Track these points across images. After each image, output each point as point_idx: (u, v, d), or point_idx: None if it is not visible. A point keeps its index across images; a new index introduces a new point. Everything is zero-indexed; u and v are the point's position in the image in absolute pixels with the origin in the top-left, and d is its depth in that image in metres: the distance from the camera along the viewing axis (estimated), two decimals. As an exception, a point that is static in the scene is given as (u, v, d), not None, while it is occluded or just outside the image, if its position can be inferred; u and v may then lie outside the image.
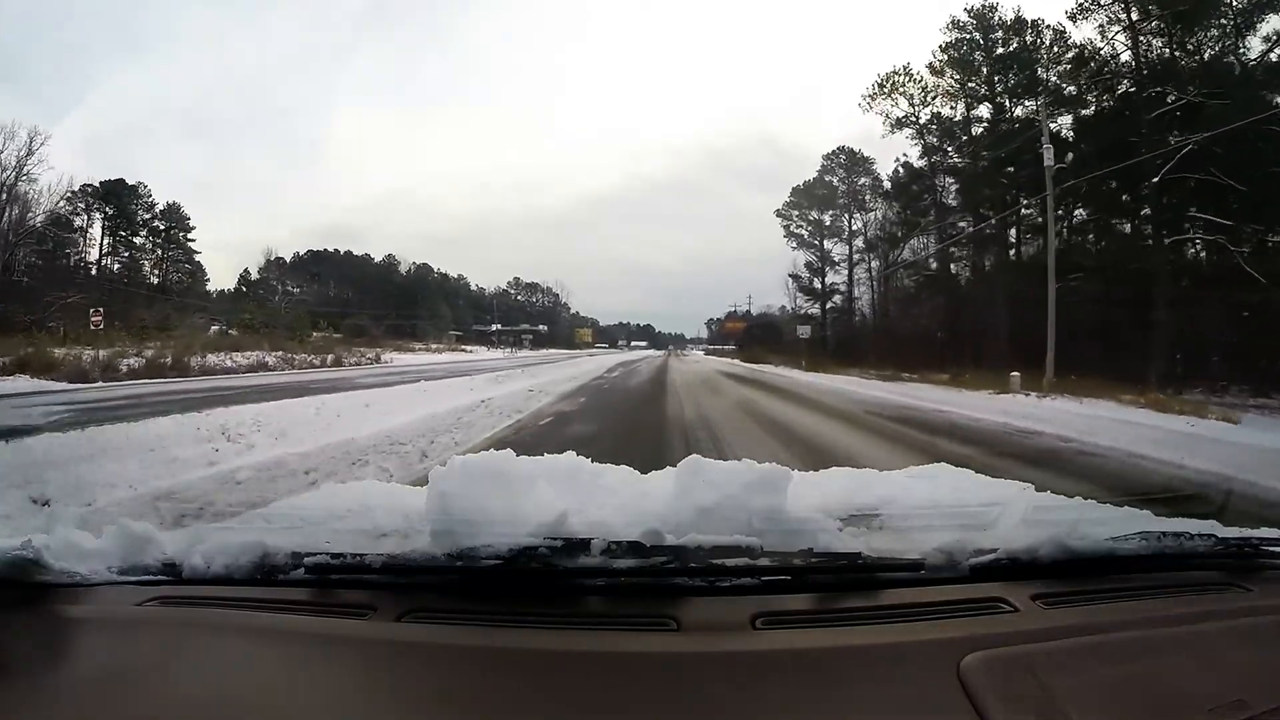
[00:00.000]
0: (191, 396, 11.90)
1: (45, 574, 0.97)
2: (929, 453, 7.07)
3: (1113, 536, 1.06)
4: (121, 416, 8.09)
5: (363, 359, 31.61)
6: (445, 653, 0.84)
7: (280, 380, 17.89)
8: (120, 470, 5.00)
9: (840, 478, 1.60)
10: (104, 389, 14.25)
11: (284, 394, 11.59)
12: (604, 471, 1.48)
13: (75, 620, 0.92)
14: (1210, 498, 3.87)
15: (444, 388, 14.18)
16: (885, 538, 1.23)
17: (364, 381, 16.54)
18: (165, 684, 0.79)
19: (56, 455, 5.46)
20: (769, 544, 0.98)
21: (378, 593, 0.95)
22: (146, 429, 7.00)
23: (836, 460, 4.39)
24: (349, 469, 5.71)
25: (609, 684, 0.79)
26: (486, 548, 0.93)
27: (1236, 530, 1.18)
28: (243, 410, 8.65)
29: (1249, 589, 1.03)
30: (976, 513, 1.37)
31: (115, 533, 1.07)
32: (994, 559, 1.03)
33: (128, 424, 7.23)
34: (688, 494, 1.12)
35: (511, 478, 1.08)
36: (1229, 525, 1.24)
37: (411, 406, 10.08)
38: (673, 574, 0.95)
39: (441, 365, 28.87)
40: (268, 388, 14.17)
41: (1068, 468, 6.67)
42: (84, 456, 5.43)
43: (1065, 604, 0.97)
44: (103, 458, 5.40)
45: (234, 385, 15.59)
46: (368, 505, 1.43)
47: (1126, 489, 5.56)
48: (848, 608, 0.94)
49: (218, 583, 1.00)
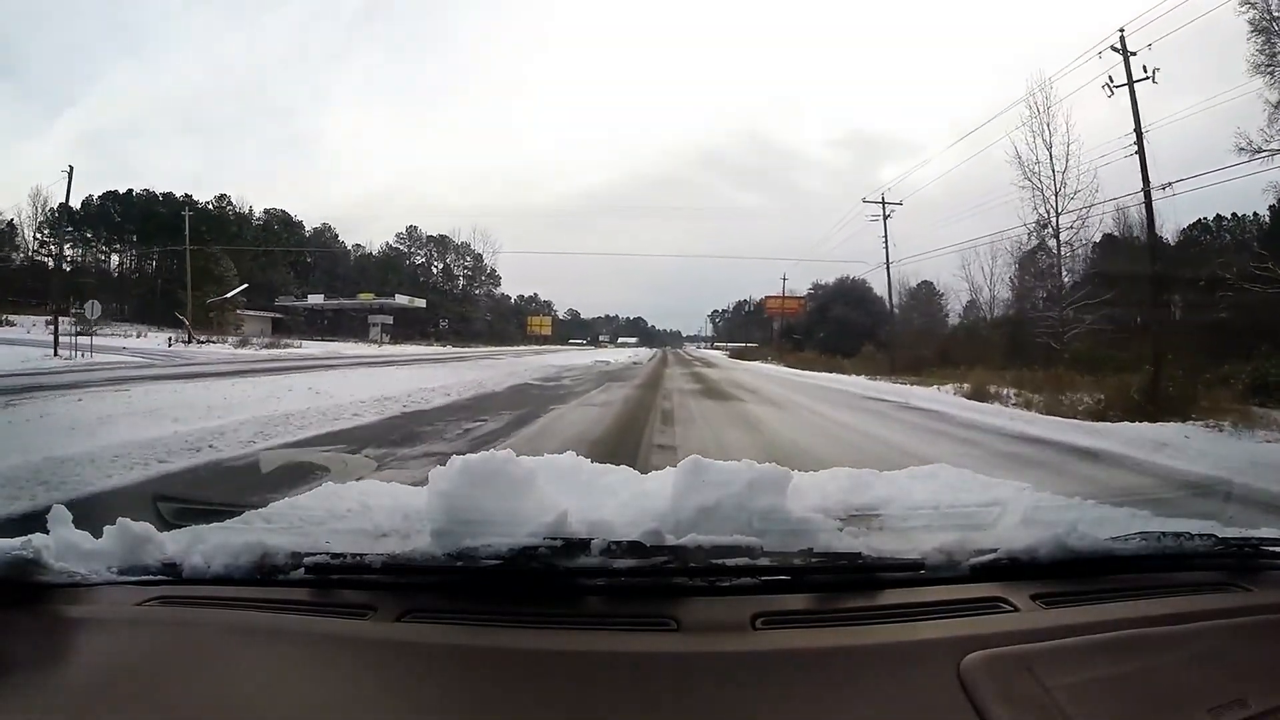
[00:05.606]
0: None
1: (45, 574, 0.97)
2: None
3: (1113, 536, 1.06)
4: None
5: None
6: (445, 653, 0.84)
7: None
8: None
9: (840, 478, 1.60)
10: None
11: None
12: (604, 471, 1.48)
13: (75, 620, 0.92)
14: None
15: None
16: (885, 538, 1.23)
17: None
18: (165, 684, 0.79)
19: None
20: (769, 544, 0.98)
21: (378, 593, 0.95)
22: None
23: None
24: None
25: (609, 684, 0.79)
26: (486, 548, 0.93)
27: (1236, 530, 1.19)
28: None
29: (1249, 589, 1.03)
30: (976, 513, 1.38)
31: (115, 533, 1.07)
32: (994, 559, 1.03)
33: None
34: (688, 494, 1.12)
35: (512, 477, 1.08)
36: (1229, 525, 1.24)
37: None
38: (673, 574, 0.95)
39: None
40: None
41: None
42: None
43: (1065, 604, 0.97)
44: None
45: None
46: (368, 505, 1.43)
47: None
48: (848, 608, 0.94)
49: (218, 583, 1.00)
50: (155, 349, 28.30)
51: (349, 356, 27.57)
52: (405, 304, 47.09)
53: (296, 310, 46.02)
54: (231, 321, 38.08)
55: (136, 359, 20.84)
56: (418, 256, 55.06)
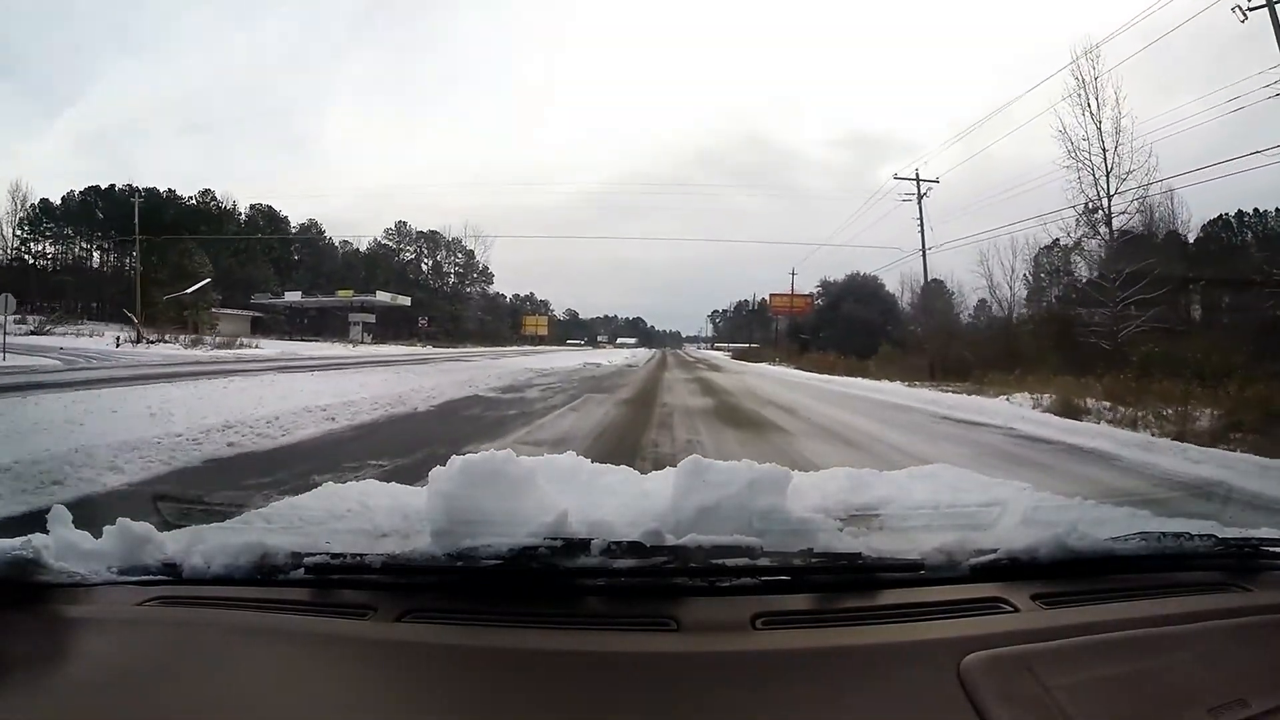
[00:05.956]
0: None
1: (45, 574, 0.97)
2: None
3: (1113, 536, 1.06)
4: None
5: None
6: (445, 653, 0.84)
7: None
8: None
9: (840, 478, 1.60)
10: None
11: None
12: (604, 471, 1.49)
13: (75, 620, 0.92)
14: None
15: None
16: (885, 538, 1.24)
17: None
18: (165, 684, 0.79)
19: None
20: (769, 544, 0.98)
21: (378, 593, 0.95)
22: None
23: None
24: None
25: (609, 684, 0.79)
26: (486, 548, 0.93)
27: (1236, 530, 1.19)
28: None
29: (1249, 589, 1.03)
30: (976, 513, 1.38)
31: (115, 532, 1.07)
32: (994, 559, 1.03)
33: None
34: (688, 494, 1.12)
35: (511, 477, 1.08)
36: (1229, 525, 1.24)
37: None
38: (673, 574, 0.95)
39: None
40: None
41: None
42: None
43: (1065, 604, 0.97)
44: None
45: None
46: (368, 505, 1.44)
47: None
48: (848, 608, 0.94)
49: (218, 583, 0.99)
50: (96, 348, 25.68)
51: (303, 358, 23.07)
52: (388, 302, 43.89)
53: (276, 309, 43.20)
54: (206, 320, 35.57)
55: (35, 361, 17.00)
56: (407, 253, 52.55)
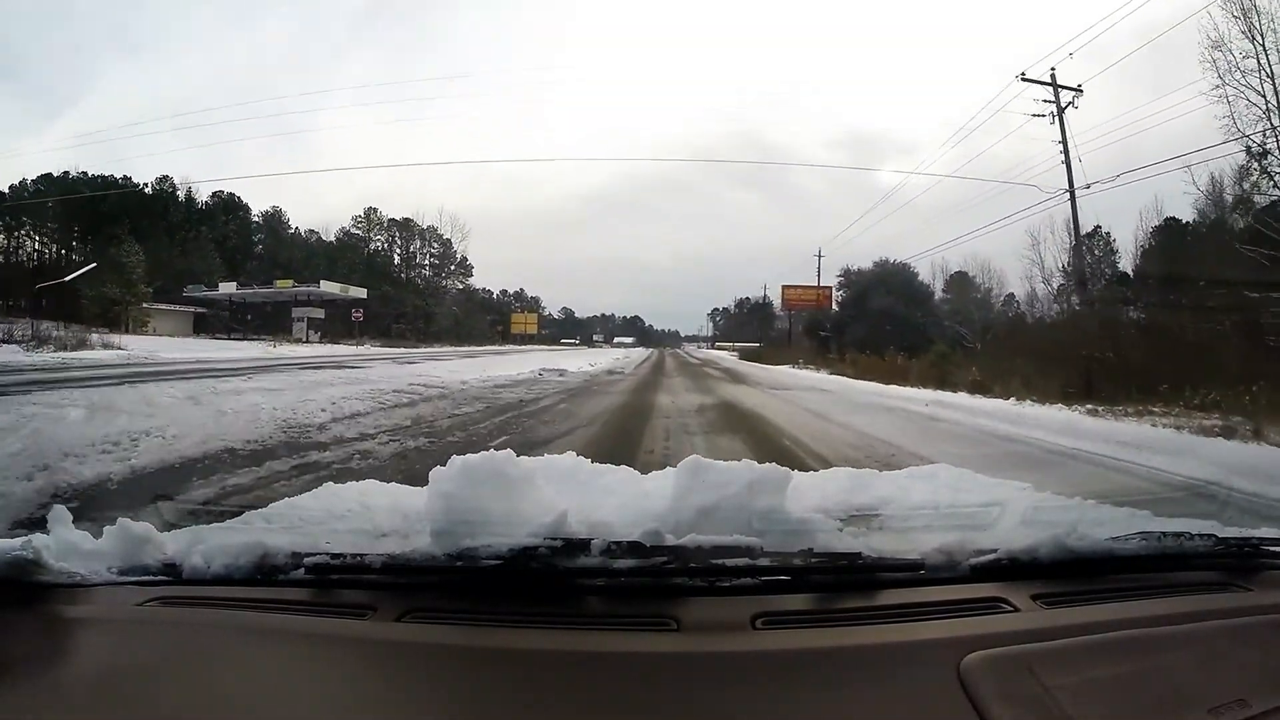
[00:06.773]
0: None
1: (45, 574, 0.97)
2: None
3: (1113, 536, 1.06)
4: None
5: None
6: (445, 653, 0.84)
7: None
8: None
9: (840, 478, 1.60)
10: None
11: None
12: (604, 471, 1.49)
13: (75, 620, 0.92)
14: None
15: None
16: (885, 538, 1.23)
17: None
18: (165, 684, 0.79)
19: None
20: (769, 544, 0.98)
21: (378, 593, 0.95)
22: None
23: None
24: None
25: (609, 684, 0.79)
26: (486, 548, 0.93)
27: (1236, 530, 1.18)
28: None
29: (1249, 589, 1.03)
30: (976, 513, 1.38)
31: (115, 533, 1.07)
32: (994, 559, 1.03)
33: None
34: (688, 494, 1.12)
35: (512, 478, 1.08)
36: (1229, 525, 1.24)
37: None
38: (673, 574, 0.95)
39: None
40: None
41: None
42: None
43: (1065, 604, 0.97)
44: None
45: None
46: (368, 505, 1.44)
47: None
48: (847, 608, 0.94)
49: (218, 583, 0.99)
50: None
51: (160, 362, 15.57)
52: (337, 293, 37.04)
53: (218, 303, 37.24)
54: (137, 318, 30.52)
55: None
56: (376, 242, 46.12)
